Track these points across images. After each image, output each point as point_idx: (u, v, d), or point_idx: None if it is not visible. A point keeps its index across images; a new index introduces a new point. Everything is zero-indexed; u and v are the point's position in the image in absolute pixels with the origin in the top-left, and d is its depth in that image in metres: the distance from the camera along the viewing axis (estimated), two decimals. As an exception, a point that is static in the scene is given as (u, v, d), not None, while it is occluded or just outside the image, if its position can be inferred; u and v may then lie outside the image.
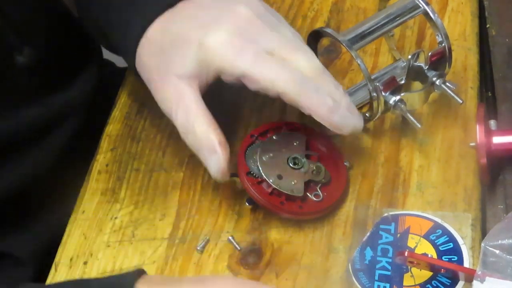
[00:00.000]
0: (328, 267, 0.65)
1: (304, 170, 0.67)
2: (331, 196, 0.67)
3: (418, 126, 0.66)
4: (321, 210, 0.66)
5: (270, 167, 0.66)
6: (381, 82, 0.67)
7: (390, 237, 0.65)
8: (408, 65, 0.67)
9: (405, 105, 0.67)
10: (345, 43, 0.67)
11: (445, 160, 0.69)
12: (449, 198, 0.67)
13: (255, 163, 0.66)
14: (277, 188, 0.65)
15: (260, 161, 0.66)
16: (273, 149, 0.68)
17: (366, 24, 0.69)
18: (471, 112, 0.72)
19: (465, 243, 0.64)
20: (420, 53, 0.68)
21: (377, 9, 0.73)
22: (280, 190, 0.65)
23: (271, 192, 0.65)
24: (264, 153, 0.67)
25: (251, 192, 0.65)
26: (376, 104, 0.67)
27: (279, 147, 0.68)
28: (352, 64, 0.78)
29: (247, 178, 0.66)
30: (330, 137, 0.70)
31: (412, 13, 0.70)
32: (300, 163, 0.67)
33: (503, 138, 0.67)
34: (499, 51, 0.76)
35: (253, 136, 0.68)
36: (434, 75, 0.68)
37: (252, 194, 0.65)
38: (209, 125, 0.63)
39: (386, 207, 0.67)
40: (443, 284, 0.62)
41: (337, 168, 0.69)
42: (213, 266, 0.66)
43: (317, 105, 0.62)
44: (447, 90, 0.68)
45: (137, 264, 0.67)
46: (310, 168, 0.67)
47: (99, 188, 0.72)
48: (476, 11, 0.80)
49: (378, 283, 0.62)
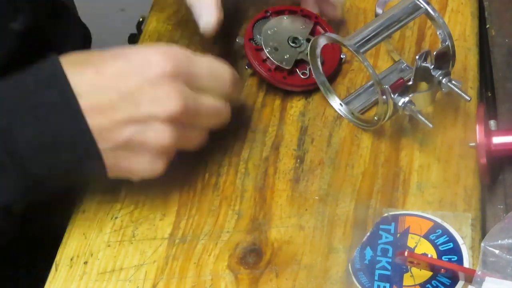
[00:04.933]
0: (328, 267, 0.65)
1: (300, 50, 0.75)
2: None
3: (430, 126, 0.66)
4: (302, 85, 0.75)
5: (271, 39, 0.75)
6: (389, 84, 0.67)
7: (390, 237, 0.65)
8: (416, 66, 0.67)
9: (415, 106, 0.67)
10: (352, 48, 0.67)
11: (445, 160, 0.70)
12: (449, 198, 0.67)
13: (260, 33, 0.76)
14: (269, 57, 0.74)
15: (264, 32, 0.76)
16: (280, 26, 0.76)
17: (370, 27, 0.69)
18: (471, 112, 0.72)
19: (465, 243, 0.64)
20: (427, 53, 0.67)
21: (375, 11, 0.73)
22: (272, 60, 0.74)
23: (264, 59, 0.75)
24: (270, 27, 0.76)
25: (248, 55, 0.75)
26: (386, 107, 0.67)
27: (285, 26, 0.77)
28: (352, 64, 0.78)
29: (248, 43, 0.75)
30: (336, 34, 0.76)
31: (414, 14, 0.70)
32: (298, 43, 0.76)
33: (503, 138, 0.67)
34: (499, 51, 0.76)
35: (268, 12, 0.78)
36: (440, 74, 0.68)
37: (249, 57, 0.75)
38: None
39: (386, 207, 0.67)
40: (443, 284, 0.62)
41: (333, 57, 0.76)
42: (213, 266, 0.66)
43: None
44: (454, 88, 0.68)
45: (137, 264, 0.67)
46: (306, 50, 0.74)
47: (100, 188, 0.72)
48: (476, 11, 0.80)
49: (378, 283, 0.62)
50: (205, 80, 0.65)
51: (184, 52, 0.64)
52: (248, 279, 0.65)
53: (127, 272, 0.66)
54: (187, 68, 0.63)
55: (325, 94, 0.75)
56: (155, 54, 0.63)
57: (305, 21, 0.78)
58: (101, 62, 0.62)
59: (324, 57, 0.75)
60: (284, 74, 0.74)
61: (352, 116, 0.73)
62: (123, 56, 0.63)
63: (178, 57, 0.63)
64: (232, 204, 0.69)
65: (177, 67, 0.62)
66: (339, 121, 0.74)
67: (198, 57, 0.65)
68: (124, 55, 0.63)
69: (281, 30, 0.76)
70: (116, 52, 0.64)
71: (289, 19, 0.78)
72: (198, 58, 0.65)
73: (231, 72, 0.67)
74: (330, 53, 0.76)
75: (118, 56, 0.63)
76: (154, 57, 0.62)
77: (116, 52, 0.64)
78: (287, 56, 0.75)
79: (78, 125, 0.60)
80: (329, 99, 0.75)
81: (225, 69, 0.67)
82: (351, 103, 0.75)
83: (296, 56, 0.75)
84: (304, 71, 0.75)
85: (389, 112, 0.67)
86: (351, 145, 0.72)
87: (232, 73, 0.67)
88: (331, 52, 0.76)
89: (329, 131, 0.73)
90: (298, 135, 0.73)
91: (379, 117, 0.69)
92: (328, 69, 0.75)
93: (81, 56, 0.63)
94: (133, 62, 0.62)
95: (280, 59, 0.74)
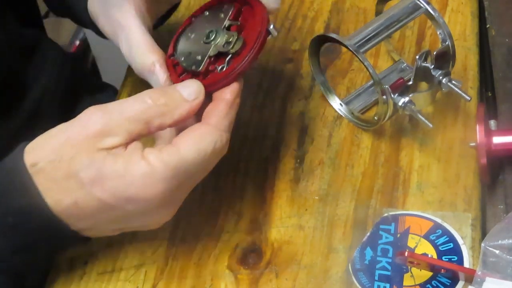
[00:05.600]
0: (328, 267, 0.65)
1: (215, 43, 0.63)
2: (233, 66, 0.61)
3: (430, 126, 0.66)
4: (220, 80, 0.61)
5: (187, 46, 0.65)
6: (389, 84, 0.67)
7: (390, 237, 0.65)
8: (416, 65, 0.67)
9: (415, 106, 0.67)
10: (352, 48, 0.67)
11: (445, 160, 0.70)
12: (449, 198, 0.67)
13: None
14: (183, 66, 0.63)
15: (182, 41, 0.66)
16: (199, 26, 0.66)
17: (370, 27, 0.69)
18: (471, 112, 0.72)
19: (465, 243, 0.64)
20: (427, 53, 0.67)
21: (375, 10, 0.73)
22: (185, 68, 0.63)
23: (181, 73, 0.64)
24: (190, 32, 0.66)
25: (170, 75, 0.64)
26: (386, 107, 0.67)
27: (204, 23, 0.66)
28: (352, 64, 0.78)
29: (168, 61, 0.65)
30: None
31: (414, 14, 0.70)
32: (212, 36, 0.63)
33: (503, 138, 0.67)
34: (499, 51, 0.76)
35: (194, 16, 0.67)
36: (440, 74, 0.68)
37: (170, 77, 0.64)
38: (148, 49, 0.64)
39: (386, 207, 0.67)
40: (443, 284, 0.62)
41: (254, 36, 0.62)
42: (213, 266, 0.66)
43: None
44: (454, 88, 0.68)
45: (137, 264, 0.67)
46: (223, 40, 0.62)
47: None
48: (476, 11, 0.80)
49: (378, 283, 0.62)
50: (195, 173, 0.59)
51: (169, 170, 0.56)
52: (248, 279, 0.65)
53: (127, 272, 0.66)
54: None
55: (325, 94, 0.75)
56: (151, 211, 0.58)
57: (223, 7, 0.66)
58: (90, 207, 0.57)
59: (246, 36, 0.62)
60: (199, 78, 0.62)
61: (352, 116, 0.73)
62: (115, 205, 0.57)
63: (167, 185, 0.56)
64: (232, 204, 0.69)
65: (169, 190, 0.57)
66: (339, 121, 0.74)
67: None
68: (116, 207, 0.57)
69: (200, 30, 0.65)
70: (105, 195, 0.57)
71: (209, 12, 0.67)
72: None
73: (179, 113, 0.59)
74: (251, 28, 0.63)
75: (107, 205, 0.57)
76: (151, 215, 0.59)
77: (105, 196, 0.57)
78: (198, 58, 0.63)
79: (59, 228, 0.58)
80: (329, 99, 0.75)
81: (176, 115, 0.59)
82: (351, 103, 0.75)
83: (210, 52, 0.63)
84: (223, 65, 0.62)
85: (389, 112, 0.67)
86: (351, 145, 0.72)
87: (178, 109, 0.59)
88: (252, 25, 0.63)
89: (329, 131, 0.73)
90: (298, 135, 0.73)
91: (379, 117, 0.69)
92: (250, 51, 0.61)
93: (49, 169, 0.57)
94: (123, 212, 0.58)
95: (191, 63, 0.63)
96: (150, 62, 0.63)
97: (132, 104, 0.58)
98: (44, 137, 0.58)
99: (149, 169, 0.56)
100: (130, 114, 0.57)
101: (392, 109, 0.67)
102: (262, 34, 0.62)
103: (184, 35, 0.66)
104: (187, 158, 0.57)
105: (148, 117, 0.57)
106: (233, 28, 0.63)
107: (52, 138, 0.58)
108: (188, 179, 0.58)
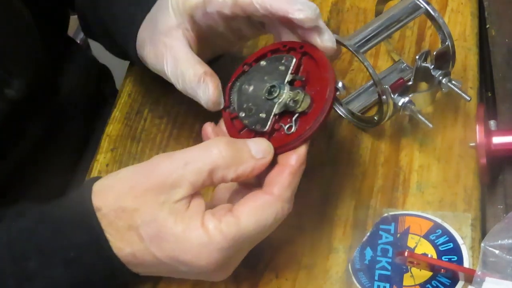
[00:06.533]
0: (328, 267, 0.65)
1: (279, 100, 0.59)
2: (302, 128, 0.58)
3: (430, 126, 0.66)
4: (286, 144, 0.58)
5: (246, 100, 0.61)
6: (389, 84, 0.67)
7: (390, 237, 0.65)
8: (416, 66, 0.67)
9: (415, 106, 0.67)
10: (352, 48, 0.67)
11: (445, 160, 0.70)
12: (449, 198, 0.67)
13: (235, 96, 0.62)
14: (244, 123, 0.60)
15: (239, 93, 0.62)
16: (257, 77, 0.62)
17: (370, 27, 0.69)
18: (471, 112, 0.72)
19: (465, 243, 0.64)
20: (427, 53, 0.67)
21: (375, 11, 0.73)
22: (248, 126, 0.60)
23: (242, 128, 0.61)
24: (246, 84, 0.62)
25: (227, 129, 0.61)
26: (386, 107, 0.67)
27: (263, 75, 0.61)
28: (352, 64, 0.78)
29: (223, 113, 0.62)
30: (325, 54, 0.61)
31: (414, 14, 0.70)
32: (275, 92, 0.59)
33: (503, 138, 0.67)
34: (499, 51, 0.76)
35: (246, 64, 0.63)
36: (440, 74, 0.68)
37: (228, 131, 0.61)
38: (196, 61, 0.63)
39: (386, 207, 0.67)
40: (443, 284, 0.62)
41: (322, 95, 0.58)
42: (213, 266, 0.66)
43: (305, 9, 0.59)
44: (454, 88, 0.68)
45: (137, 264, 0.67)
46: (288, 96, 0.59)
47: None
48: (476, 11, 0.80)
49: (378, 283, 0.62)
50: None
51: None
52: (248, 279, 0.65)
53: (127, 272, 0.66)
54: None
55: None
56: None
57: (285, 58, 0.61)
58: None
59: (314, 96, 0.59)
60: (265, 137, 0.59)
61: (352, 116, 0.73)
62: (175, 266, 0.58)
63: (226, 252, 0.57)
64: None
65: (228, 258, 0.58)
66: (339, 121, 0.74)
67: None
68: (175, 267, 0.58)
69: (259, 81, 0.61)
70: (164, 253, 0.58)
71: (267, 63, 0.62)
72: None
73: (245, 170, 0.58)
74: (317, 83, 0.60)
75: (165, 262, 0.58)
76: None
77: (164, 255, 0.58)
78: (262, 115, 0.59)
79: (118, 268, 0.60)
80: (329, 99, 0.74)
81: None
82: (351, 103, 0.75)
83: (275, 110, 0.59)
84: (289, 124, 0.59)
85: (389, 112, 0.67)
86: (351, 145, 0.72)
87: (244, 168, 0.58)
88: (318, 79, 0.60)
89: (329, 131, 0.73)
90: (298, 135, 0.73)
91: (379, 117, 0.69)
92: (318, 114, 0.58)
93: (113, 214, 0.58)
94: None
95: (255, 121, 0.60)
96: (201, 71, 0.61)
97: (198, 154, 0.57)
98: (111, 180, 0.60)
99: (207, 239, 0.56)
100: (195, 166, 0.57)
101: (392, 109, 0.67)
102: (331, 94, 0.58)
103: (239, 86, 0.62)
104: (246, 230, 0.57)
105: (213, 168, 0.57)
106: (297, 83, 0.60)
107: (117, 183, 0.59)
108: (246, 246, 0.59)
